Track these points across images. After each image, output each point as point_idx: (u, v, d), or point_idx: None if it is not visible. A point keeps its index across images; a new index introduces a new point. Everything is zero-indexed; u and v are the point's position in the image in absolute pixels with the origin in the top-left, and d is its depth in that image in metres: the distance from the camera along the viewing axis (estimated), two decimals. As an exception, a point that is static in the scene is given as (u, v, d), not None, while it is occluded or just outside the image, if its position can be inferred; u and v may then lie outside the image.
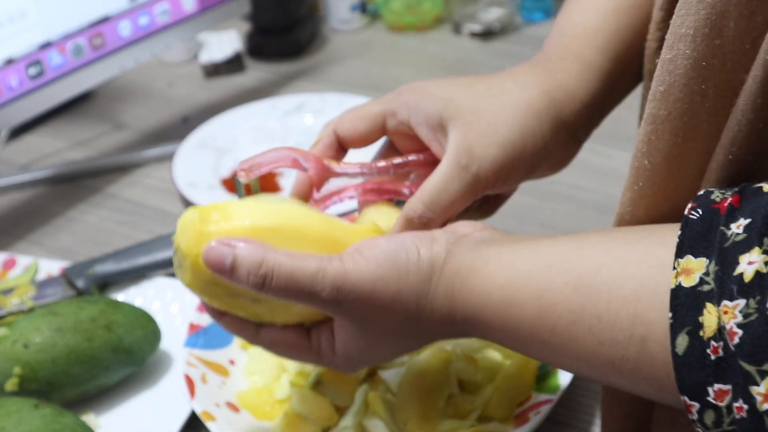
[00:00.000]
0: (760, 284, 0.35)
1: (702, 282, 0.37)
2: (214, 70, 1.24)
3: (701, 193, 0.40)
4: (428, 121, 0.56)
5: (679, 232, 0.39)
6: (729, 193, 0.39)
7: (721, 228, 0.37)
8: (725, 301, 0.36)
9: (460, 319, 0.48)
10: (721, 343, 0.35)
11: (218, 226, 0.49)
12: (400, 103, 0.57)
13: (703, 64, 0.41)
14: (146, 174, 1.03)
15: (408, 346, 0.52)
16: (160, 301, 0.79)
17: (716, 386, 0.36)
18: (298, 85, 1.20)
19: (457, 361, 0.65)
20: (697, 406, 0.37)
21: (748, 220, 0.36)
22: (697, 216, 0.39)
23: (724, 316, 0.35)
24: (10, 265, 0.85)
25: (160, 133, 1.11)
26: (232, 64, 1.24)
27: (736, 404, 0.35)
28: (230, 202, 0.52)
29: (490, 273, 0.46)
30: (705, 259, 0.37)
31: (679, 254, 0.38)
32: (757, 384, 0.34)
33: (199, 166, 0.99)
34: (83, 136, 1.11)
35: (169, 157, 1.02)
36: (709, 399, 0.36)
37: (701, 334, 0.36)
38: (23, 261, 0.84)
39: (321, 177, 0.57)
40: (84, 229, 0.94)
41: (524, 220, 0.89)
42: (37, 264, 0.84)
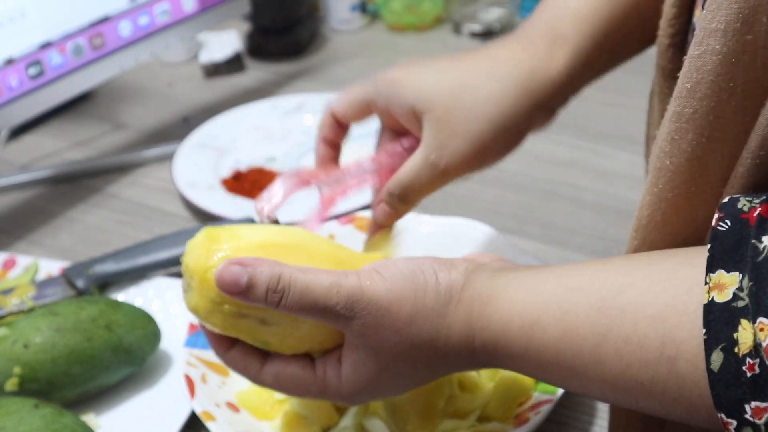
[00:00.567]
0: None
1: (736, 297, 0.36)
2: (214, 70, 1.24)
3: (726, 201, 0.39)
4: (404, 112, 0.59)
5: (709, 245, 0.38)
6: (757, 202, 0.38)
7: (753, 241, 0.37)
8: (761, 318, 0.35)
9: (478, 346, 0.47)
10: (758, 360, 0.35)
11: (228, 243, 0.49)
12: (378, 93, 0.60)
13: (733, 60, 0.39)
14: (146, 174, 1.03)
15: (420, 377, 0.50)
16: (160, 301, 0.79)
17: (753, 403, 0.35)
18: (298, 85, 1.20)
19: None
20: (734, 423, 0.36)
21: None
22: (726, 228, 0.38)
23: (760, 333, 0.35)
24: (10, 265, 0.85)
25: (160, 133, 1.11)
26: (232, 64, 1.24)
27: None
28: (238, 225, 0.53)
29: (510, 298, 0.46)
30: (738, 273, 0.37)
31: (711, 269, 0.37)
32: None
33: (199, 166, 0.99)
34: (83, 136, 1.11)
35: (169, 157, 1.02)
36: (747, 416, 0.35)
37: (736, 350, 0.36)
38: (23, 261, 0.84)
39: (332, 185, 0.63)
40: (84, 229, 0.94)
41: (524, 220, 0.89)
42: (37, 264, 0.84)
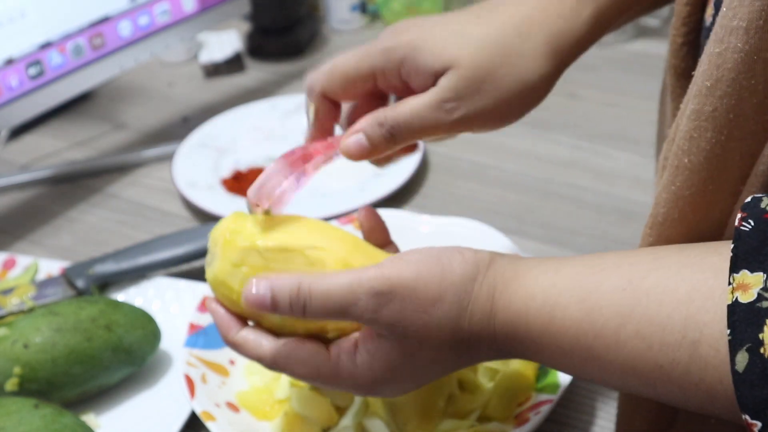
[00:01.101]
0: None
1: (761, 298, 0.36)
2: (214, 70, 1.24)
3: (749, 200, 0.39)
4: (425, 76, 0.54)
5: (732, 245, 0.38)
6: None
7: None
8: None
9: (499, 327, 0.46)
10: None
11: (254, 211, 0.52)
12: (389, 60, 0.54)
13: (755, 57, 0.39)
14: (146, 174, 1.03)
15: (441, 367, 0.49)
16: (160, 301, 0.79)
17: None
18: (298, 85, 1.20)
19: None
20: (759, 425, 0.36)
21: None
22: (750, 228, 0.38)
23: None
24: (10, 265, 0.85)
25: (160, 133, 1.11)
26: (232, 64, 1.24)
27: None
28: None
29: (534, 277, 0.45)
30: (762, 273, 0.36)
31: (734, 269, 0.37)
32: None
33: (199, 166, 0.99)
34: (83, 136, 1.11)
35: (169, 157, 1.02)
36: None
37: (762, 351, 0.35)
38: (23, 261, 0.84)
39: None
40: (84, 229, 0.94)
41: (524, 220, 0.89)
42: (37, 264, 0.84)
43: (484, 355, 0.49)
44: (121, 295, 0.80)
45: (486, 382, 0.65)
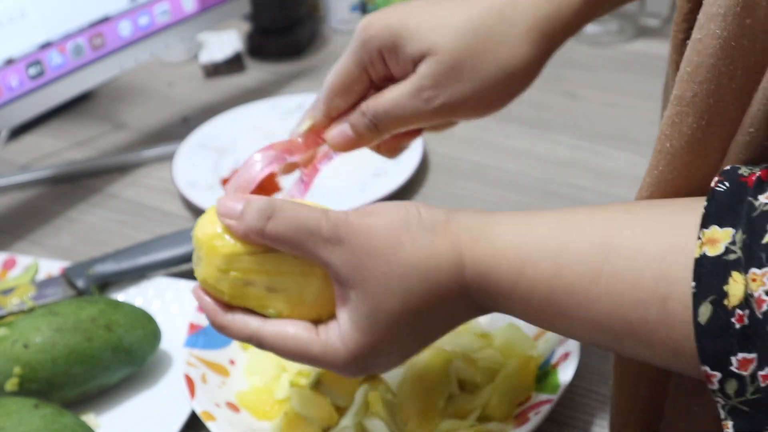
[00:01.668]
0: None
1: (728, 251, 0.36)
2: (214, 70, 1.24)
3: (728, 168, 0.39)
4: (406, 62, 0.54)
5: (705, 203, 0.38)
6: (757, 169, 0.38)
7: (749, 199, 0.37)
8: (753, 269, 0.35)
9: (470, 279, 0.46)
10: (747, 311, 0.35)
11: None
12: (372, 50, 0.54)
13: (733, 44, 0.40)
14: (146, 174, 1.03)
15: (420, 328, 0.48)
16: (160, 301, 0.79)
17: (740, 355, 0.35)
18: (298, 85, 1.20)
19: (457, 361, 0.65)
20: (718, 375, 0.36)
21: None
22: (724, 188, 0.38)
23: (752, 284, 0.35)
24: (10, 265, 0.85)
25: (160, 133, 1.11)
26: (232, 64, 1.24)
27: (761, 372, 0.35)
28: None
29: (504, 231, 0.45)
30: (731, 228, 0.37)
31: (705, 225, 0.37)
32: None
33: (199, 166, 0.99)
34: (83, 136, 1.11)
35: (169, 157, 1.02)
36: (732, 368, 0.36)
37: (726, 302, 0.36)
38: (23, 261, 0.84)
39: (310, 156, 0.57)
40: (84, 229, 0.94)
41: (524, 220, 0.89)
42: (37, 264, 0.84)
43: (463, 311, 0.48)
44: (121, 295, 0.80)
45: (486, 382, 0.65)
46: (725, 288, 0.36)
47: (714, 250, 0.37)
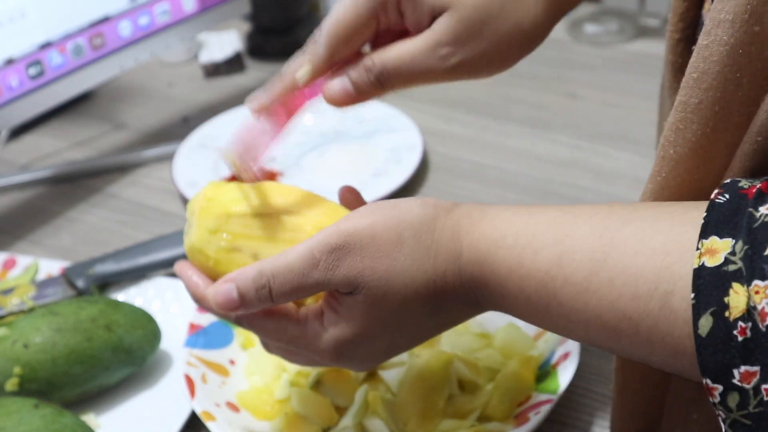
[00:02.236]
0: None
1: (727, 261, 0.36)
2: (214, 70, 1.24)
3: (728, 181, 0.39)
4: (422, 13, 0.52)
5: (705, 214, 0.38)
6: (757, 182, 0.38)
7: (750, 210, 0.36)
8: (756, 281, 0.35)
9: (465, 265, 0.45)
10: (750, 324, 0.34)
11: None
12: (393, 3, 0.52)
13: (740, 51, 0.39)
14: (146, 174, 1.03)
15: (411, 321, 0.47)
16: (160, 301, 0.79)
17: (743, 368, 0.35)
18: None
19: (457, 361, 0.65)
20: (720, 388, 0.36)
21: None
22: (724, 200, 0.38)
23: (756, 296, 0.34)
24: (10, 265, 0.85)
25: (160, 133, 1.11)
26: (232, 64, 1.24)
27: (764, 385, 0.34)
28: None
29: (506, 219, 0.45)
30: (731, 239, 0.36)
31: (704, 235, 0.37)
32: None
33: (199, 166, 0.99)
34: (83, 136, 1.11)
35: (169, 157, 1.02)
36: (734, 381, 0.35)
37: (727, 314, 0.35)
38: (23, 261, 0.84)
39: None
40: (84, 229, 0.94)
41: (524, 220, 0.89)
42: (37, 264, 0.84)
43: (456, 308, 0.48)
44: (121, 295, 0.80)
45: (486, 382, 0.65)
46: (726, 300, 0.35)
47: (713, 261, 0.36)
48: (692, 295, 0.36)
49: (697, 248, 0.37)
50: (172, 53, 1.27)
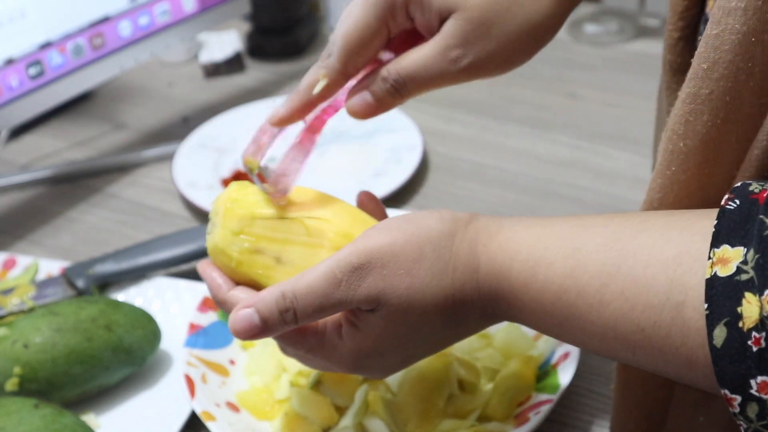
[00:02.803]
0: None
1: (739, 271, 0.35)
2: (214, 70, 1.24)
3: (738, 184, 0.39)
4: (430, 17, 0.52)
5: (715, 222, 0.37)
6: None
7: (761, 217, 0.36)
8: None
9: (482, 280, 0.45)
10: (763, 334, 0.34)
11: (274, 200, 0.52)
12: (395, 4, 0.52)
13: (753, 39, 0.39)
14: (146, 174, 1.03)
15: (425, 334, 0.48)
16: (160, 301, 0.79)
17: (759, 378, 0.35)
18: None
19: (457, 362, 0.65)
20: (738, 399, 0.35)
21: None
22: (735, 206, 0.37)
23: None
24: (10, 265, 0.85)
25: (160, 133, 1.11)
26: (232, 64, 1.24)
27: None
28: None
29: (520, 232, 0.45)
30: (742, 248, 0.36)
31: (715, 244, 0.37)
32: None
33: (199, 166, 0.99)
34: (83, 136, 1.11)
35: (169, 157, 1.02)
36: (752, 392, 0.35)
37: (740, 325, 0.35)
38: (23, 261, 0.84)
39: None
40: (84, 229, 0.94)
41: (524, 220, 0.89)
42: (37, 264, 0.84)
43: (473, 320, 0.48)
44: (121, 295, 0.80)
45: (486, 382, 0.65)
46: (739, 310, 0.35)
47: (725, 270, 0.36)
48: (705, 306, 0.36)
49: (709, 257, 0.37)
50: (172, 53, 1.27)
